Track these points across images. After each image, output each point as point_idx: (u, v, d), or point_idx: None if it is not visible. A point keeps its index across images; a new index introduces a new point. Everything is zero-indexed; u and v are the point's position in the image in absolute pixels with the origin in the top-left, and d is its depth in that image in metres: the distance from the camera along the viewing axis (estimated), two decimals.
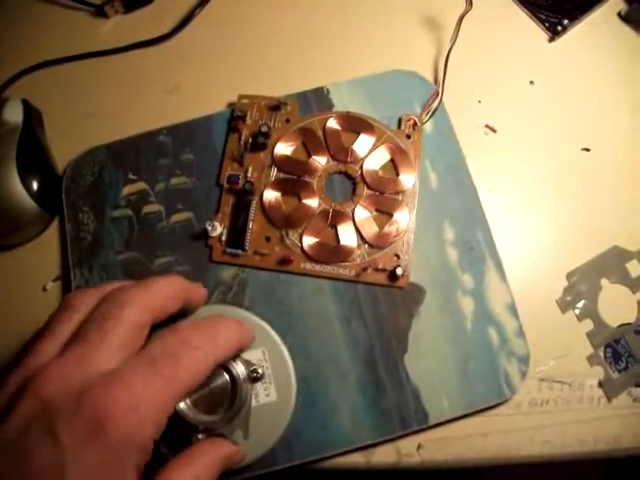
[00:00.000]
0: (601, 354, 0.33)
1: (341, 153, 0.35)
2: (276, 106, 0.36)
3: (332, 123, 0.36)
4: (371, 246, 0.34)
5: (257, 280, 0.33)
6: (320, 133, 0.36)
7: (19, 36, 0.40)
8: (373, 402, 0.31)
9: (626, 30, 0.40)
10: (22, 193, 0.34)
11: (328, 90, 0.37)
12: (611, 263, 0.35)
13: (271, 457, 0.29)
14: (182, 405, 0.25)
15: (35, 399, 0.20)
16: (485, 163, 0.36)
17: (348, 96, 0.37)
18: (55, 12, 0.41)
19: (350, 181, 0.35)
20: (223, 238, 0.34)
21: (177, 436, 0.25)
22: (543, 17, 0.40)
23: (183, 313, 0.27)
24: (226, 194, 0.35)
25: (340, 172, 0.35)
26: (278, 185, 0.35)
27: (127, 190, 0.35)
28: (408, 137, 0.36)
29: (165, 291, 0.25)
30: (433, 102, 0.36)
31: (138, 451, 0.20)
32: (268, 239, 0.34)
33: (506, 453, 0.31)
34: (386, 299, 0.33)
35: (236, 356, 0.27)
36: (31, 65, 0.39)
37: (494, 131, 0.37)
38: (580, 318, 0.34)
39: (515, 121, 0.37)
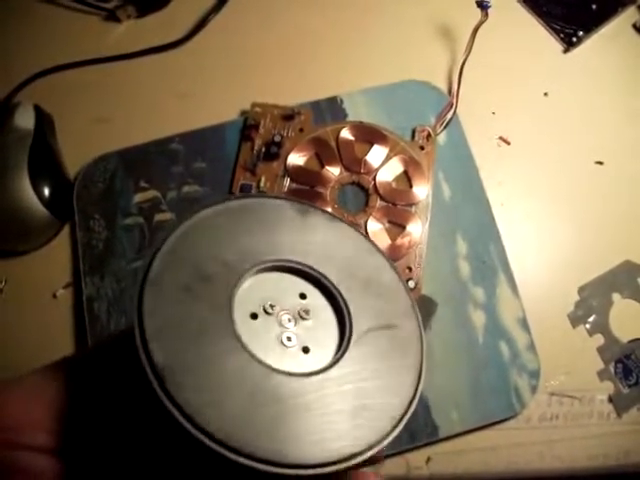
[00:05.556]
0: (611, 369, 0.33)
1: (354, 164, 0.35)
2: (289, 115, 0.36)
3: (345, 133, 0.36)
4: None
5: None
6: (333, 143, 0.36)
7: (30, 41, 0.40)
8: None
9: None
10: (33, 199, 0.34)
11: (342, 100, 0.37)
12: (623, 278, 0.35)
13: None
14: None
15: None
16: (498, 175, 0.36)
17: (362, 106, 0.37)
18: (67, 16, 0.41)
19: (363, 192, 0.35)
20: None
21: None
22: (558, 28, 0.40)
23: None
24: None
25: (353, 183, 0.35)
26: (291, 195, 0.35)
27: (139, 198, 0.35)
28: (422, 148, 0.36)
29: None
30: (447, 113, 0.36)
31: None
32: None
33: (515, 467, 0.31)
34: None
35: None
36: (42, 70, 0.38)
37: (508, 143, 0.37)
38: (591, 333, 0.34)
39: (529, 133, 0.37)
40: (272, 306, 0.18)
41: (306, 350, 0.18)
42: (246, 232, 0.19)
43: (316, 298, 0.19)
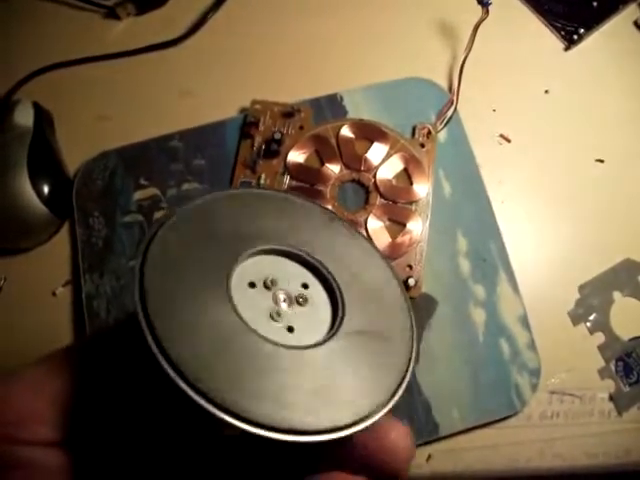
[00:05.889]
0: (612, 367, 0.33)
1: (354, 161, 0.35)
2: (289, 113, 0.36)
3: (346, 131, 0.36)
4: None
5: None
6: (333, 141, 0.36)
7: (30, 38, 0.40)
8: None
9: None
10: (33, 197, 0.34)
11: (342, 97, 0.37)
12: (623, 276, 0.35)
13: None
14: None
15: None
16: (499, 173, 0.36)
17: (362, 103, 0.37)
18: (66, 14, 0.40)
19: (363, 190, 0.35)
20: None
21: None
22: (559, 26, 0.40)
23: None
24: None
25: (353, 181, 0.35)
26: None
27: (138, 195, 0.35)
28: (422, 146, 0.35)
29: None
30: (448, 110, 0.36)
31: None
32: None
33: (515, 465, 0.31)
34: None
35: None
36: (42, 67, 0.38)
37: (508, 141, 0.37)
38: (592, 331, 0.34)
39: (529, 131, 0.37)
40: (273, 282, 0.18)
41: (290, 329, 0.18)
42: (269, 217, 0.20)
43: (317, 292, 0.19)
